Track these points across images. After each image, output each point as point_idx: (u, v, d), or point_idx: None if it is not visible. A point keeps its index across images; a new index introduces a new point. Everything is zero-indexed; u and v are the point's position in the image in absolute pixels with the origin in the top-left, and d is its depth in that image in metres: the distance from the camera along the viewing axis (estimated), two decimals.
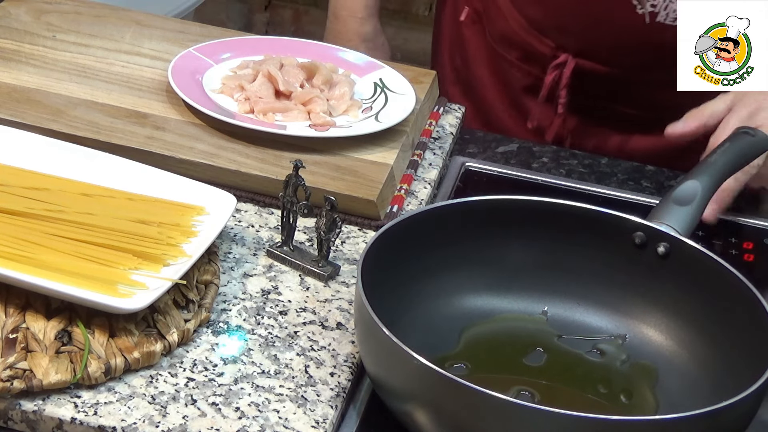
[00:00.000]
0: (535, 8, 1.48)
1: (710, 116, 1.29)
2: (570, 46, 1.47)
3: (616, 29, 1.42)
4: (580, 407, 0.97)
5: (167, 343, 1.01)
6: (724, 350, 1.04)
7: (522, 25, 1.50)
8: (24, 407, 0.96)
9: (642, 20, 1.39)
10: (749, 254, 1.26)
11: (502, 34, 1.53)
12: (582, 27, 1.45)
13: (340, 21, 1.62)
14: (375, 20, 1.62)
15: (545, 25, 1.48)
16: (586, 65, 1.47)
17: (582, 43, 1.46)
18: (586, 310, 1.11)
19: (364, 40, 1.61)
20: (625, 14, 1.40)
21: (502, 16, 1.52)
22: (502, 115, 1.55)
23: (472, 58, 1.59)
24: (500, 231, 1.10)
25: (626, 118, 1.51)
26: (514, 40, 1.52)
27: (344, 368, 1.03)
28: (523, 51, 1.52)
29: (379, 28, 1.64)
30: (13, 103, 1.26)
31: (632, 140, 1.52)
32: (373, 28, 1.62)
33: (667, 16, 1.38)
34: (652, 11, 1.38)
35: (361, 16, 1.60)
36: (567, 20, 1.45)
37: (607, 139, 1.53)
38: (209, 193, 1.14)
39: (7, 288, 1.03)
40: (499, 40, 1.54)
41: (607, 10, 1.41)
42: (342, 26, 1.62)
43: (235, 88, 1.32)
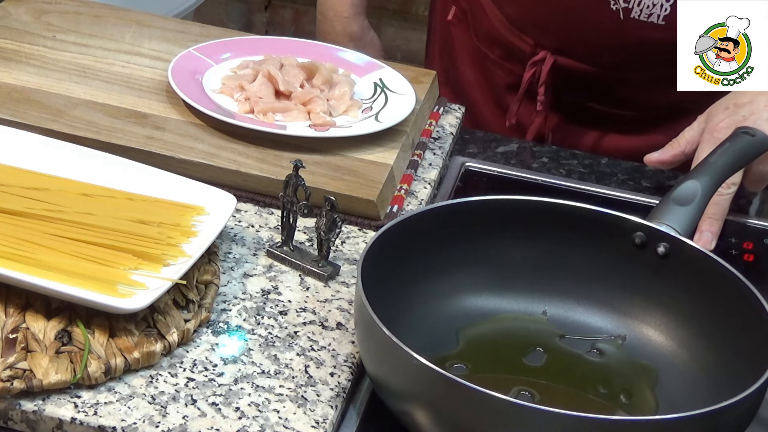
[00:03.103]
0: (513, 6, 1.48)
1: (687, 143, 1.30)
2: (548, 43, 1.47)
3: (592, 26, 1.42)
4: (580, 407, 0.97)
5: (167, 343, 1.01)
6: (724, 350, 1.04)
7: (503, 23, 1.50)
8: (24, 407, 0.96)
9: (617, 17, 1.39)
10: (749, 254, 1.26)
11: (485, 32, 1.54)
12: (559, 24, 1.45)
13: (327, 21, 1.63)
14: (362, 18, 1.62)
15: (523, 22, 1.48)
16: (565, 62, 1.47)
17: (560, 40, 1.46)
18: (586, 310, 1.11)
19: (352, 39, 1.62)
20: (600, 11, 1.40)
21: (485, 14, 1.53)
22: (487, 115, 1.55)
23: (459, 57, 1.60)
24: (500, 231, 1.10)
25: (607, 117, 1.51)
26: (496, 38, 1.52)
27: (344, 368, 1.03)
28: (505, 49, 1.52)
29: (367, 25, 1.65)
30: (13, 103, 1.26)
31: (614, 139, 1.52)
32: (360, 26, 1.63)
33: (641, 13, 1.38)
34: (626, 7, 1.38)
35: (347, 15, 1.60)
36: (544, 17, 1.46)
37: (589, 139, 1.53)
38: (209, 193, 1.14)
39: (7, 288, 1.03)
40: (483, 38, 1.55)
41: (582, 7, 1.41)
42: (329, 26, 1.63)
43: (235, 88, 1.32)
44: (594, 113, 1.51)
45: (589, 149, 1.50)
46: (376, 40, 1.67)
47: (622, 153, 1.46)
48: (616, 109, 1.50)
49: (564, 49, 1.46)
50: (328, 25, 1.63)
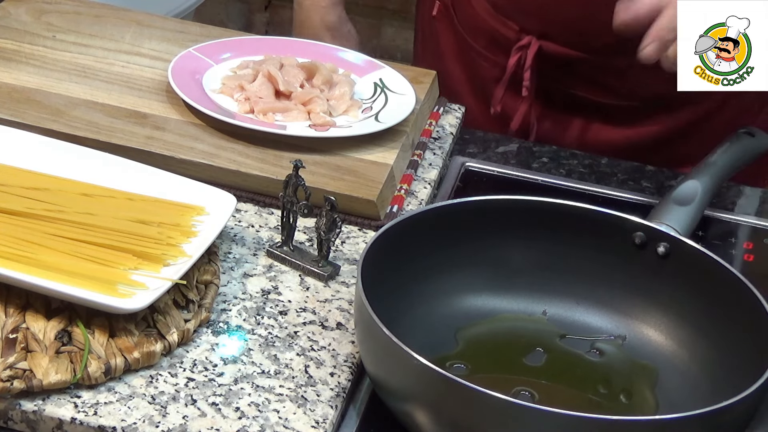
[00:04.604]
0: None
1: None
2: (533, 27, 1.45)
3: (576, 7, 1.40)
4: (580, 407, 0.97)
5: (167, 343, 1.01)
6: (724, 350, 1.04)
7: (487, 10, 1.49)
8: (24, 407, 0.96)
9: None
10: (749, 254, 1.26)
11: (470, 21, 1.53)
12: (542, 5, 1.43)
13: (304, 10, 1.62)
14: (340, 9, 1.61)
15: (507, 6, 1.47)
16: (551, 48, 1.45)
17: (544, 23, 1.44)
18: (586, 310, 1.11)
19: (329, 29, 1.61)
20: None
21: (468, 2, 1.52)
22: (472, 109, 1.54)
23: (444, 52, 1.59)
24: (500, 231, 1.10)
25: (596, 107, 1.49)
26: (481, 27, 1.51)
27: (344, 368, 1.03)
28: (490, 37, 1.51)
29: (344, 16, 1.63)
30: (13, 103, 1.26)
31: (603, 131, 1.50)
32: (337, 17, 1.62)
33: None
34: None
35: (324, 5, 1.60)
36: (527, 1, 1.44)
37: (576, 129, 1.50)
38: (209, 193, 1.14)
39: (7, 288, 1.03)
40: (468, 28, 1.54)
41: None
42: (306, 16, 1.62)
43: (235, 88, 1.32)
44: (582, 102, 1.49)
45: (576, 140, 1.48)
46: (353, 33, 1.66)
47: (612, 146, 1.44)
48: (606, 98, 1.48)
49: (549, 34, 1.44)
50: (304, 14, 1.62)
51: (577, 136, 1.50)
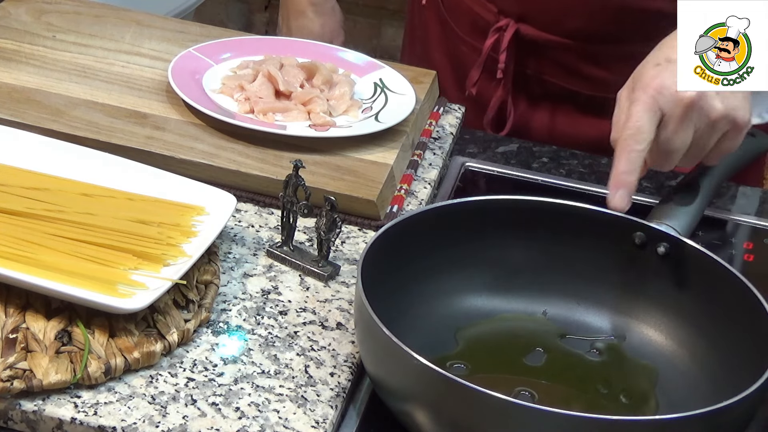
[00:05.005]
0: None
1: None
2: (511, 10, 1.44)
3: None
4: (580, 407, 0.97)
5: (167, 343, 1.01)
6: (724, 350, 1.04)
7: None
8: (24, 407, 0.96)
9: None
10: (749, 254, 1.26)
11: (453, 5, 1.51)
12: None
13: None
14: None
15: None
16: (529, 31, 1.43)
17: (522, 6, 1.43)
18: (586, 310, 1.11)
19: (312, 4, 1.62)
20: None
21: None
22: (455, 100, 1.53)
23: (430, 42, 1.58)
24: (500, 231, 1.10)
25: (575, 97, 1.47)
26: (462, 9, 1.50)
27: (344, 368, 1.03)
28: (472, 21, 1.49)
29: None
30: (13, 103, 1.26)
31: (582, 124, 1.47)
32: None
33: None
34: None
35: None
36: None
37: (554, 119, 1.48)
38: (209, 193, 1.14)
39: (7, 288, 1.03)
40: (452, 13, 1.52)
41: None
42: None
43: (235, 88, 1.32)
44: (560, 92, 1.47)
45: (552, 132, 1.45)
46: (337, 10, 1.66)
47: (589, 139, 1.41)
48: (585, 89, 1.45)
49: (527, 16, 1.43)
50: None
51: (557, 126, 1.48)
